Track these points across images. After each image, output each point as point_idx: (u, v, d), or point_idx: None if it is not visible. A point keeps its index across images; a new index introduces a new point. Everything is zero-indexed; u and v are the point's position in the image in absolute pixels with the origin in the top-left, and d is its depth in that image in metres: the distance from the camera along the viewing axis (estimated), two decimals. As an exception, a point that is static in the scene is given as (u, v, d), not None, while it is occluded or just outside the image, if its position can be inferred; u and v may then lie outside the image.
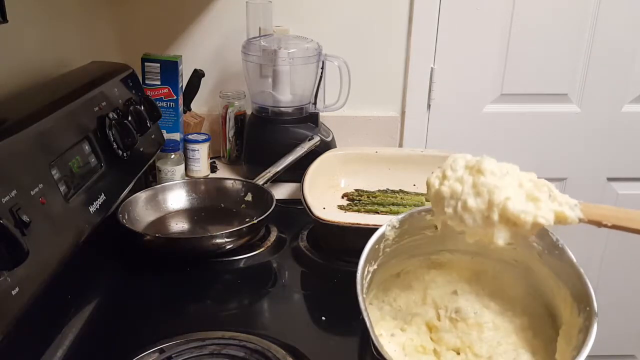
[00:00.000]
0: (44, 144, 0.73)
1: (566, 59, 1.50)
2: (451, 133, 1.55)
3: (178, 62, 1.24)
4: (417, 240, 0.71)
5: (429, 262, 0.74)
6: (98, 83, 0.95)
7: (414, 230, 0.69)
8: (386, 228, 0.67)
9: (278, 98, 1.30)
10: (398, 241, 0.69)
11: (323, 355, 0.74)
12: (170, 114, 1.25)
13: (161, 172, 1.21)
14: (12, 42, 0.87)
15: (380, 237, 0.67)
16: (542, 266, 0.66)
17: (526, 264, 0.68)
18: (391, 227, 0.68)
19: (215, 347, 0.72)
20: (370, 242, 0.65)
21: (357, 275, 0.61)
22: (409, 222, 0.69)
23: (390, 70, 1.49)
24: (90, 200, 0.81)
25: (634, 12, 1.46)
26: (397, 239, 0.69)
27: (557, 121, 1.56)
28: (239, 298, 0.90)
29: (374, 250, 0.66)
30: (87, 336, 0.76)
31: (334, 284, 0.91)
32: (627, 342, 1.81)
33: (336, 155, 1.24)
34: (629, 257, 1.69)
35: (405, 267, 0.73)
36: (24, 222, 0.61)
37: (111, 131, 0.91)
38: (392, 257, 0.71)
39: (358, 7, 1.43)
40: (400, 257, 0.72)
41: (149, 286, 0.92)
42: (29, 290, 0.61)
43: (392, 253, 0.70)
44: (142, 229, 1.01)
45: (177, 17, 1.41)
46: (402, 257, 0.72)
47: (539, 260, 0.66)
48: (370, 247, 0.65)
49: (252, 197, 1.09)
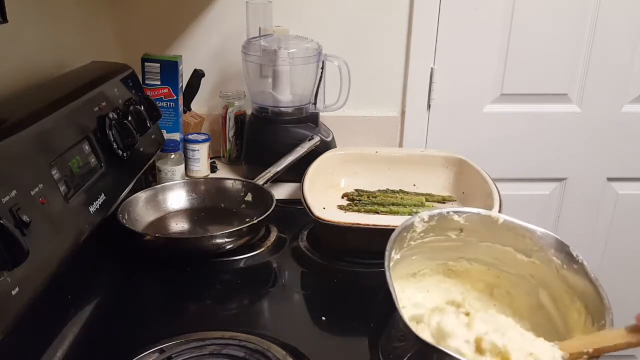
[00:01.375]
0: (44, 144, 0.73)
1: (566, 59, 1.50)
2: (451, 133, 1.55)
3: (178, 62, 1.24)
4: (440, 242, 0.72)
5: (446, 268, 0.74)
6: (98, 83, 0.95)
7: (440, 229, 0.71)
8: (416, 219, 0.69)
9: (278, 98, 1.30)
10: (423, 236, 0.70)
11: (323, 355, 0.74)
12: (170, 114, 1.25)
13: (161, 172, 1.21)
14: (12, 42, 0.87)
15: (409, 226, 0.68)
16: (558, 281, 0.66)
17: (542, 278, 0.68)
18: (420, 219, 0.69)
19: (215, 347, 0.72)
20: (399, 227, 0.67)
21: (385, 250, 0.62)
22: (438, 219, 0.70)
23: (390, 70, 1.49)
24: (90, 200, 0.81)
25: (634, 12, 1.46)
26: (422, 233, 0.70)
27: (557, 121, 1.56)
28: (239, 298, 0.90)
29: (402, 237, 0.67)
30: (87, 336, 0.76)
31: (334, 284, 0.91)
32: (627, 342, 1.81)
33: (336, 155, 1.24)
34: (629, 258, 1.70)
35: (423, 268, 0.74)
36: (24, 222, 0.61)
37: (111, 131, 0.91)
38: (414, 253, 0.71)
39: (358, 7, 1.43)
40: (421, 255, 0.72)
41: (149, 286, 0.92)
42: (29, 290, 0.61)
43: (415, 248, 0.71)
44: (142, 229, 1.01)
45: (177, 17, 1.41)
46: (422, 256, 0.72)
47: (556, 275, 0.66)
48: (399, 231, 0.66)
49: (252, 197, 1.09)
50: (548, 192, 1.63)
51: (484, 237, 0.71)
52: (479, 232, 0.71)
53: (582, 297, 0.62)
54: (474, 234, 0.71)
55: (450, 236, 0.71)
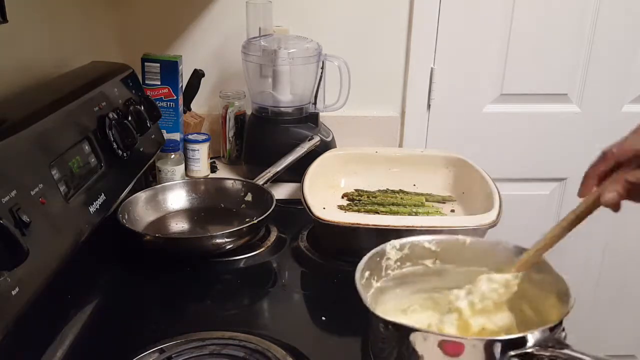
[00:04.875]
0: (44, 144, 0.73)
1: (566, 59, 1.50)
2: (451, 133, 1.55)
3: (178, 62, 1.24)
4: (419, 273, 0.74)
5: (432, 302, 0.75)
6: (98, 83, 0.95)
7: (415, 258, 0.74)
8: (387, 246, 0.72)
9: (278, 98, 1.30)
10: (400, 266, 0.73)
11: (323, 355, 0.74)
12: (170, 114, 1.25)
13: (161, 172, 1.21)
14: (12, 42, 0.87)
15: (381, 252, 0.72)
16: (531, 285, 0.68)
17: (519, 290, 0.69)
18: (392, 246, 0.73)
19: (215, 347, 0.72)
20: (371, 252, 0.71)
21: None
22: (410, 247, 0.73)
23: (390, 70, 1.49)
24: (90, 200, 0.81)
25: (634, 12, 1.46)
26: (398, 262, 0.73)
27: (557, 121, 1.56)
28: (239, 298, 0.90)
29: (375, 261, 0.71)
30: (87, 336, 0.76)
31: (334, 284, 0.91)
32: (627, 342, 1.81)
33: (336, 155, 1.24)
34: (629, 258, 1.69)
35: (411, 304, 0.75)
36: (24, 222, 0.61)
37: (111, 131, 0.91)
38: (396, 284, 0.74)
39: (358, 7, 1.43)
40: (404, 288, 0.74)
41: (149, 286, 0.92)
42: (29, 290, 0.61)
43: (397, 279, 0.73)
44: (142, 229, 1.01)
45: (177, 17, 1.41)
46: (406, 290, 0.74)
47: (529, 284, 0.68)
48: (370, 256, 0.71)
49: (252, 197, 1.09)
50: (548, 192, 1.63)
51: (459, 262, 0.74)
52: (453, 258, 0.74)
53: (552, 290, 0.65)
54: (449, 259, 0.74)
55: (427, 265, 0.74)
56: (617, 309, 1.74)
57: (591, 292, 1.71)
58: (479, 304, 0.66)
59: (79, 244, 0.75)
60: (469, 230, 0.92)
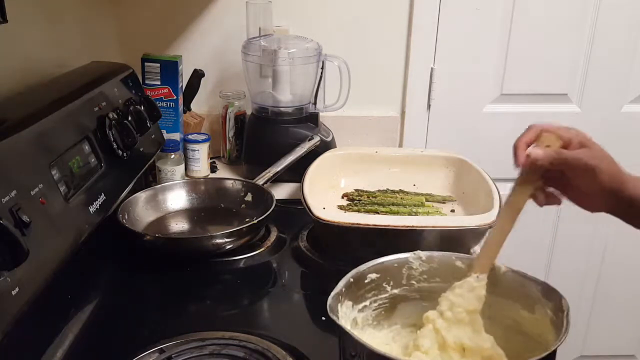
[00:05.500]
0: (44, 144, 0.73)
1: (566, 59, 1.50)
2: (451, 133, 1.55)
3: (178, 62, 1.24)
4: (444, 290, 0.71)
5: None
6: (98, 83, 0.95)
7: (445, 274, 0.71)
8: (411, 255, 0.71)
9: (278, 98, 1.30)
10: (427, 279, 0.71)
11: (323, 355, 0.74)
12: (170, 114, 1.25)
13: (161, 172, 1.21)
14: (12, 42, 0.87)
15: (403, 260, 0.71)
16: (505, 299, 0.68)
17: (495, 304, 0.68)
18: (417, 257, 0.71)
19: (215, 347, 0.72)
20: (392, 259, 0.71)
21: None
22: (439, 260, 0.71)
23: (390, 70, 1.49)
24: (90, 200, 0.81)
25: (634, 12, 1.46)
26: (426, 275, 0.71)
27: (557, 121, 1.55)
28: (239, 298, 0.90)
29: (395, 268, 0.70)
30: (87, 336, 0.76)
31: (334, 284, 0.91)
32: (627, 342, 1.81)
33: (336, 155, 1.24)
34: (629, 258, 1.69)
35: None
36: (24, 222, 0.61)
37: (111, 131, 0.91)
38: (422, 299, 0.72)
39: (358, 7, 1.42)
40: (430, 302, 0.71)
41: (149, 286, 0.92)
42: (29, 290, 0.61)
43: (422, 291, 0.72)
44: (142, 229, 1.01)
45: (177, 17, 1.41)
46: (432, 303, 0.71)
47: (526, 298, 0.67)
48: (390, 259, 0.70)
49: (252, 197, 1.09)
50: (548, 192, 1.63)
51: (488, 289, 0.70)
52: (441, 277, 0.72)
53: (536, 298, 0.65)
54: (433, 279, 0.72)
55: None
56: (617, 309, 1.74)
57: (591, 292, 1.71)
58: (448, 312, 0.65)
59: (79, 244, 0.75)
60: (469, 230, 0.92)
